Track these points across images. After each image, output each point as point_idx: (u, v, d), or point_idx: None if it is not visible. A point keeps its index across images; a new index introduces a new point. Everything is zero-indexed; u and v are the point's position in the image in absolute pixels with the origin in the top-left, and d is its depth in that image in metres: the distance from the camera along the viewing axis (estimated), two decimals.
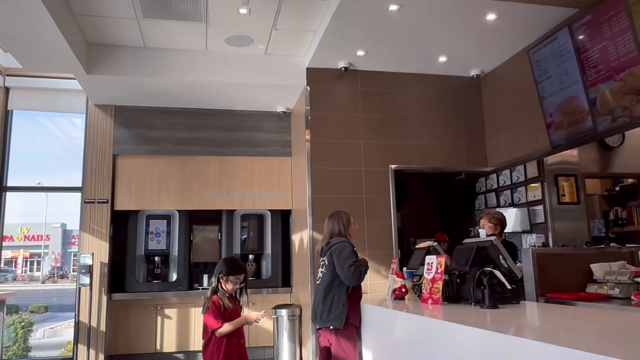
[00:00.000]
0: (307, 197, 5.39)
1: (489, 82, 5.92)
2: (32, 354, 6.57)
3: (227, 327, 3.19)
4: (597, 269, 4.51)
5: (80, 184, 5.90)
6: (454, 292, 3.22)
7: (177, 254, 6.11)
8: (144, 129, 6.09)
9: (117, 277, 5.92)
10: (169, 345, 5.90)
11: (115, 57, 5.29)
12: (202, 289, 5.98)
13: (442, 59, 5.50)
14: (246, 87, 5.67)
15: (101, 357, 5.55)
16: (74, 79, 5.38)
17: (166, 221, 6.16)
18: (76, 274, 5.69)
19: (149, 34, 5.13)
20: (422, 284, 3.52)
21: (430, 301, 3.16)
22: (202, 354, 3.33)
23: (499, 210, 4.94)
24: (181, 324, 5.95)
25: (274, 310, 5.78)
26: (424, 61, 5.57)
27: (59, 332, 9.51)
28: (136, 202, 6.00)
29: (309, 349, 5.25)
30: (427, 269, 3.28)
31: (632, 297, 3.87)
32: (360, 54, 5.29)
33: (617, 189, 6.45)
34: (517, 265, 3.42)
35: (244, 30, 5.08)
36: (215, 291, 3.32)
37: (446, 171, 6.10)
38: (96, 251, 5.71)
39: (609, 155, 5.94)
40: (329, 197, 5.37)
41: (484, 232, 4.28)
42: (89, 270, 5.53)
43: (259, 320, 3.39)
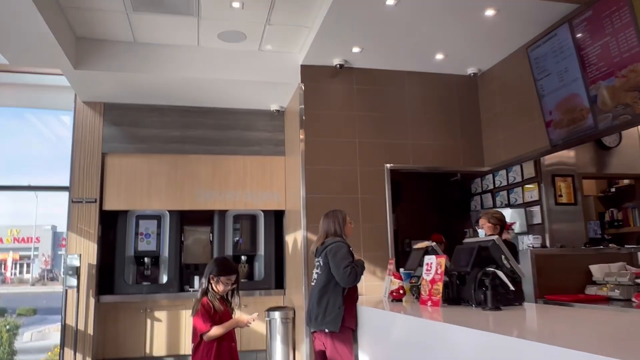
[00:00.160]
0: (301, 197, 5.27)
1: (486, 80, 5.83)
2: (18, 358, 6.38)
3: (216, 331, 3.05)
4: (596, 270, 4.43)
5: (67, 184, 5.74)
6: (454, 294, 3.11)
7: (167, 255, 5.96)
8: (133, 127, 5.94)
9: (106, 279, 5.75)
10: (159, 348, 5.74)
11: (104, 52, 5.14)
12: (193, 291, 5.84)
13: (439, 57, 5.40)
14: (239, 84, 5.54)
15: None
16: (61, 75, 5.23)
17: (156, 221, 6.01)
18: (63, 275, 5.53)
19: (139, 29, 5.00)
20: (420, 285, 3.41)
21: (429, 303, 3.05)
22: (191, 358, 3.20)
23: (497, 209, 4.84)
24: (171, 327, 5.80)
25: (266, 312, 5.65)
26: (420, 59, 5.47)
27: (47, 335, 9.30)
28: (125, 201, 5.84)
29: (303, 353, 5.12)
30: (426, 270, 3.17)
31: (633, 299, 3.79)
32: (355, 50, 5.18)
33: (613, 190, 6.39)
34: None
35: (236, 25, 4.95)
36: (205, 293, 3.18)
37: (443, 171, 6.00)
38: (84, 252, 5.55)
39: (606, 155, 5.87)
40: (324, 197, 5.25)
41: (483, 232, 4.19)
42: (76, 272, 5.37)
43: (250, 323, 3.26)
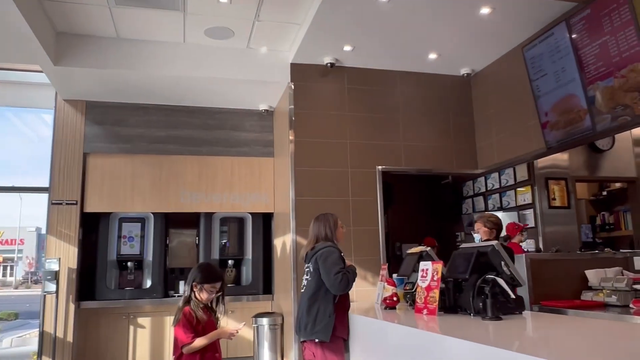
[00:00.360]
0: (290, 199, 5.11)
1: (479, 81, 5.72)
2: None
3: (199, 342, 2.87)
4: (592, 275, 4.31)
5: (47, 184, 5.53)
6: (451, 302, 2.96)
7: (151, 259, 5.75)
8: (116, 126, 5.74)
9: (87, 283, 5.54)
10: (142, 356, 5.52)
11: (85, 48, 4.94)
12: (178, 296, 5.64)
13: (432, 56, 5.28)
14: (226, 83, 5.37)
15: None
16: (41, 71, 5.02)
17: (140, 224, 5.80)
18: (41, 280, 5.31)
19: (122, 24, 4.80)
20: (415, 292, 3.26)
21: (425, 311, 2.90)
22: None
23: (492, 213, 4.71)
24: (155, 334, 5.59)
25: (254, 318, 5.47)
26: (413, 58, 5.34)
27: (28, 341, 9.02)
28: (108, 203, 5.63)
29: None
30: (422, 276, 3.02)
31: (631, 305, 3.67)
32: (347, 49, 5.04)
33: (604, 193, 6.32)
34: None
35: (224, 21, 4.78)
36: (187, 301, 3.00)
37: (435, 173, 5.88)
38: (64, 256, 5.33)
39: (599, 158, 5.80)
40: (314, 200, 5.10)
41: (478, 237, 4.05)
42: (55, 276, 5.15)
43: (235, 335, 3.07)
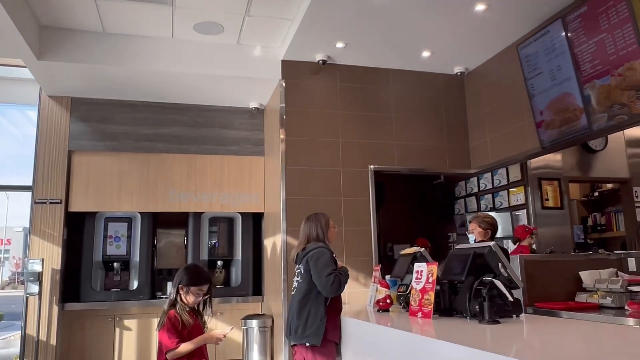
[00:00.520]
0: (281, 199, 5.00)
1: (473, 80, 5.65)
2: None
3: (184, 348, 2.75)
4: (586, 276, 4.25)
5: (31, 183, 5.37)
6: (446, 304, 2.88)
7: (138, 260, 5.60)
8: (103, 123, 5.59)
9: (71, 285, 5.38)
10: (128, 359, 5.39)
11: (70, 42, 4.80)
12: (166, 298, 5.47)
13: (426, 54, 5.19)
14: (216, 80, 5.25)
15: None
16: (25, 66, 4.87)
17: (127, 224, 5.65)
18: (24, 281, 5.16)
19: (109, 18, 4.67)
20: (409, 294, 3.17)
21: (420, 314, 2.81)
22: None
23: (488, 213, 4.64)
24: (142, 336, 5.45)
25: (243, 320, 5.35)
26: (406, 56, 5.26)
27: (11, 343, 8.82)
28: (93, 203, 5.48)
29: None
30: (416, 278, 2.93)
31: (626, 307, 3.61)
32: (339, 46, 4.94)
33: (596, 194, 6.29)
34: None
35: (214, 16, 4.66)
36: (173, 304, 2.88)
37: (428, 173, 5.81)
38: (47, 257, 5.18)
39: (591, 159, 5.76)
40: (305, 199, 5.00)
41: (473, 237, 3.98)
42: (38, 277, 5.00)
43: (221, 340, 2.95)
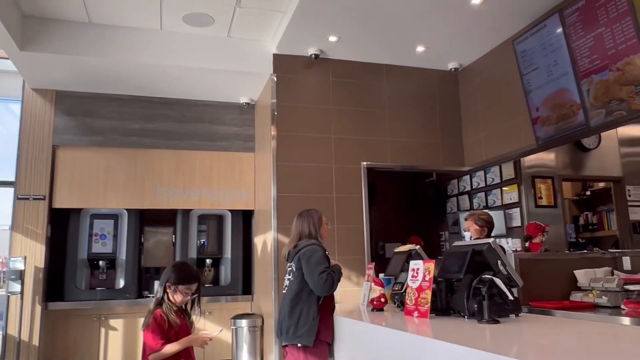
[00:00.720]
0: (272, 196, 4.89)
1: (467, 76, 5.57)
2: None
3: (169, 349, 2.62)
4: (581, 275, 4.20)
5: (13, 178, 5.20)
6: (443, 303, 2.78)
7: (125, 258, 5.46)
8: (88, 117, 5.43)
9: (55, 284, 5.23)
10: None
11: (55, 32, 4.64)
12: (153, 297, 5.37)
13: (420, 49, 5.10)
14: (206, 73, 5.12)
15: None
16: (7, 58, 4.71)
17: (113, 221, 5.50)
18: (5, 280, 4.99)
19: (95, 8, 4.52)
20: (404, 293, 3.08)
21: (416, 313, 2.72)
22: None
23: (484, 210, 4.57)
24: (128, 337, 5.31)
25: (232, 320, 5.23)
26: (400, 51, 5.17)
27: None
28: (78, 199, 5.33)
29: None
30: (412, 276, 2.83)
31: (622, 306, 3.56)
32: (332, 39, 4.84)
33: (588, 193, 6.26)
34: None
35: (204, 7, 4.53)
36: (159, 303, 2.76)
37: (421, 170, 5.74)
38: (30, 254, 5.01)
39: (585, 157, 5.72)
40: (296, 196, 4.89)
41: (469, 235, 3.90)
42: (20, 276, 4.84)
43: (207, 344, 2.83)
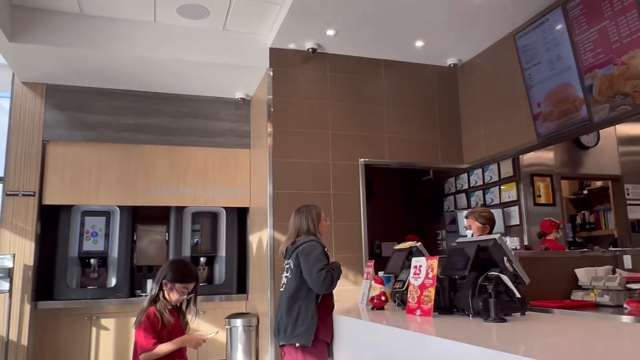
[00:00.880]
0: (268, 193, 4.79)
1: (466, 72, 5.50)
2: None
3: (162, 349, 2.51)
4: (582, 274, 4.13)
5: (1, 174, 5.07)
6: (446, 302, 2.69)
7: (117, 256, 5.33)
8: (80, 112, 5.31)
9: (45, 282, 5.10)
10: None
11: (45, 23, 4.52)
12: (145, 296, 5.24)
13: (419, 44, 5.02)
14: (200, 67, 5.01)
15: None
16: None
17: (105, 218, 5.38)
18: None
19: None
20: (405, 291, 2.99)
21: (418, 312, 2.62)
22: None
23: (485, 207, 4.49)
24: (120, 336, 5.18)
25: (227, 320, 5.12)
26: (398, 46, 5.08)
27: None
28: (69, 195, 5.19)
29: None
30: (414, 273, 2.74)
31: (625, 305, 3.49)
32: (330, 33, 4.74)
33: (585, 192, 6.20)
34: None
35: None
36: (154, 301, 2.65)
37: (420, 167, 5.68)
38: (19, 252, 4.88)
39: (583, 155, 5.66)
40: (293, 193, 4.79)
41: (470, 233, 3.82)
42: (9, 274, 4.71)
43: (200, 345, 2.72)
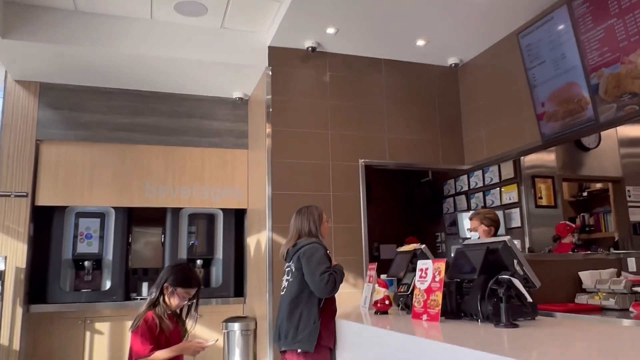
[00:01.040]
0: (267, 194, 4.70)
1: (467, 72, 5.43)
2: None
3: (159, 356, 2.40)
4: (586, 277, 4.07)
5: None
6: (453, 306, 2.61)
7: (111, 259, 5.22)
8: (74, 111, 5.20)
9: (38, 285, 4.99)
10: None
11: (39, 20, 4.41)
12: (141, 299, 5.15)
13: (420, 43, 4.95)
14: (198, 66, 4.91)
15: None
16: None
17: (99, 220, 5.26)
18: None
19: None
20: (410, 295, 2.90)
21: (425, 317, 2.53)
22: None
23: (490, 209, 4.42)
24: (114, 341, 5.07)
25: (224, 323, 5.01)
26: (399, 44, 5.00)
27: None
28: (63, 196, 5.08)
29: None
30: (421, 277, 2.65)
31: (631, 309, 3.43)
32: (330, 31, 4.66)
33: (585, 194, 6.14)
34: None
35: None
36: (153, 304, 2.54)
37: (421, 168, 5.61)
38: (11, 254, 4.76)
39: (584, 157, 5.60)
40: (291, 194, 4.70)
41: (475, 235, 3.74)
42: (1, 277, 4.59)
43: (199, 352, 2.62)
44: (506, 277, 2.24)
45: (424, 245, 3.20)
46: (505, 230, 5.16)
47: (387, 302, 2.99)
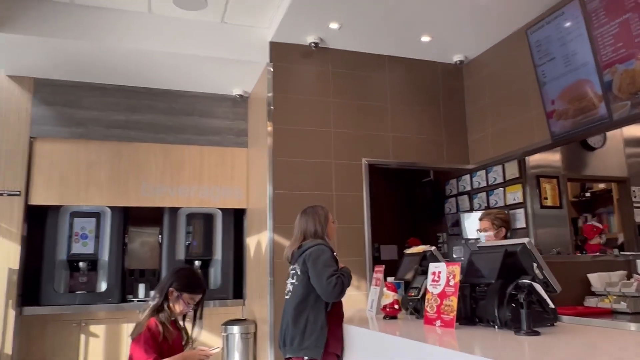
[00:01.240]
0: (268, 193, 4.57)
1: (473, 69, 5.32)
2: None
3: None
4: (595, 279, 3.96)
5: None
6: (467, 311, 2.49)
7: (107, 260, 5.09)
8: (69, 107, 5.06)
9: (31, 286, 4.85)
10: None
11: (33, 13, 4.27)
12: (138, 301, 5.03)
13: (425, 39, 4.83)
14: (197, 61, 4.78)
15: None
16: None
17: (95, 219, 5.13)
18: None
19: None
20: (420, 299, 2.78)
21: (438, 322, 2.41)
22: None
23: (501, 209, 4.30)
24: (110, 344, 4.93)
25: (223, 326, 4.89)
26: (404, 41, 4.88)
27: None
28: (58, 195, 4.94)
29: None
30: (433, 280, 2.53)
31: None
32: (333, 27, 4.54)
33: (587, 195, 6.06)
34: None
35: None
36: (157, 310, 2.41)
37: (424, 167, 5.49)
38: (3, 255, 4.62)
39: (589, 157, 5.51)
40: (293, 194, 4.58)
41: (484, 236, 3.62)
42: None
43: None
44: (527, 282, 2.13)
45: (434, 247, 3.08)
46: (509, 230, 5.06)
47: (396, 306, 2.87)
